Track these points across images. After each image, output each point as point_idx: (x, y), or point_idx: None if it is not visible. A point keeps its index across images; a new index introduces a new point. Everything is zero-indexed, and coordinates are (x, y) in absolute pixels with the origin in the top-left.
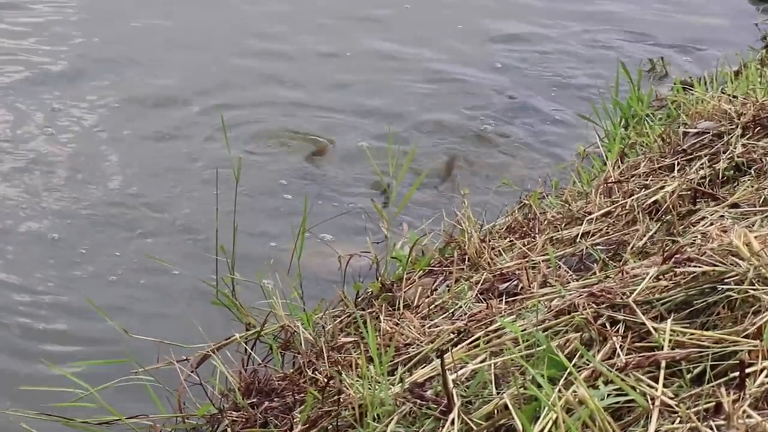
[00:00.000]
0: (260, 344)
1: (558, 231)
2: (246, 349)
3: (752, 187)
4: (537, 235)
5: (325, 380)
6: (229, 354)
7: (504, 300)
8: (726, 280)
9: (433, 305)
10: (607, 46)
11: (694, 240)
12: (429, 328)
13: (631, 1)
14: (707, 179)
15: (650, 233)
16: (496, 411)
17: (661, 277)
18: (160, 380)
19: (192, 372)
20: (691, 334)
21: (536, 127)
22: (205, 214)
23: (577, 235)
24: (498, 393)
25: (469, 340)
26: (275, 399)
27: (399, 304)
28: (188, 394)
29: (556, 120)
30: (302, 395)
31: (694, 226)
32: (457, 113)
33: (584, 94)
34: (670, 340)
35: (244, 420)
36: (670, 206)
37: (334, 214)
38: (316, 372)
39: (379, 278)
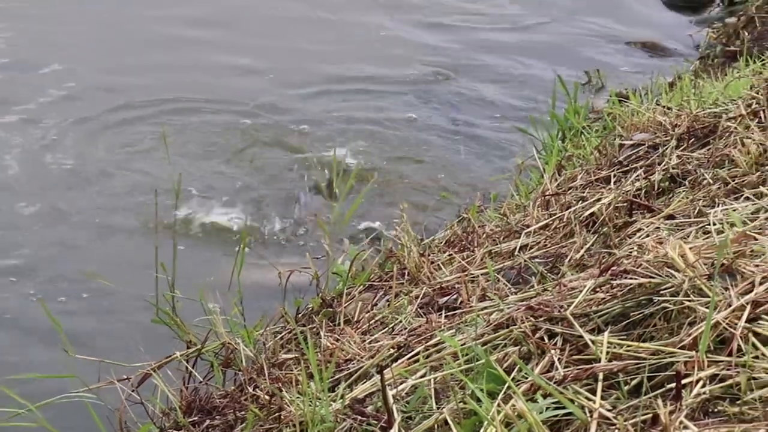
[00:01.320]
0: (201, 362)
1: (497, 244)
2: (187, 367)
3: (687, 198)
4: (476, 249)
5: (267, 397)
6: (170, 372)
7: (443, 314)
8: (662, 292)
9: (373, 320)
10: (544, 58)
11: (631, 252)
12: (369, 343)
13: (568, 13)
14: (643, 191)
15: (587, 245)
16: (436, 426)
17: (598, 289)
18: (101, 399)
19: (133, 391)
20: (628, 346)
21: (474, 140)
22: (143, 230)
23: (516, 248)
24: (438, 408)
25: (409, 355)
26: (216, 417)
27: (339, 319)
28: (129, 413)
29: (493, 133)
30: (243, 413)
31: (630, 238)
32: (394, 122)
33: (522, 106)
34: (607, 353)
35: None
36: (607, 218)
37: (274, 228)
38: (257, 389)
39: (320, 294)
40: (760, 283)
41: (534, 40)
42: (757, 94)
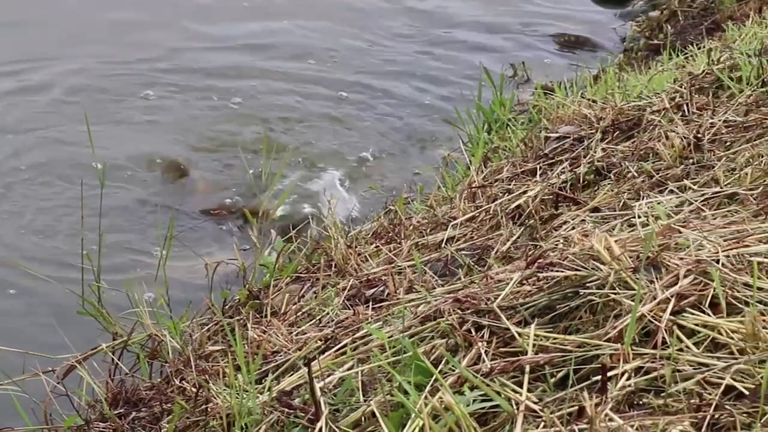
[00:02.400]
0: (127, 354)
1: (423, 236)
2: (113, 359)
3: (612, 191)
4: (403, 241)
5: (193, 390)
6: (96, 364)
7: (371, 306)
8: (588, 285)
9: (300, 312)
10: (470, 50)
11: (557, 244)
12: (296, 335)
13: (494, 7)
14: (568, 183)
15: (514, 238)
16: (363, 418)
17: (524, 282)
18: (26, 391)
19: (58, 383)
20: (555, 338)
21: (400, 132)
22: (70, 220)
23: (443, 240)
24: (365, 400)
25: (337, 348)
26: (143, 409)
27: (266, 311)
28: (55, 405)
29: (419, 125)
30: (170, 405)
31: (556, 231)
32: (319, 115)
33: (448, 98)
34: (534, 345)
35: (111, 431)
36: (533, 211)
37: (202, 220)
38: (184, 381)
39: (247, 285)
40: (685, 276)
41: (460, 32)
42: (681, 87)
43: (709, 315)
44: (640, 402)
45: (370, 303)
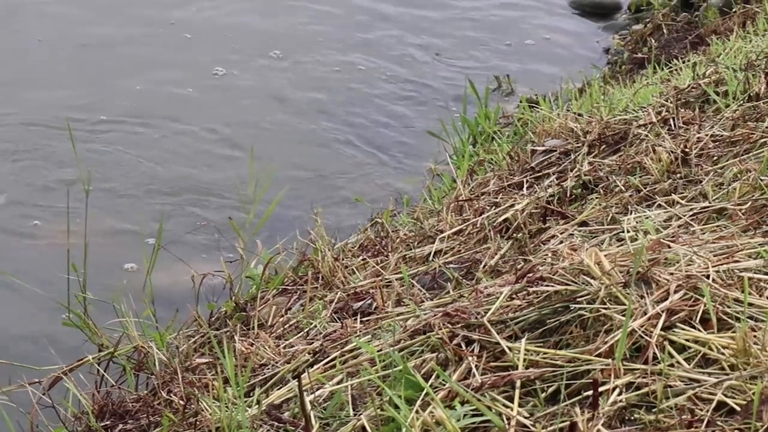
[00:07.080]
0: (114, 365)
1: (411, 249)
2: (99, 371)
3: (600, 205)
4: (390, 254)
5: (181, 402)
6: (82, 376)
7: (359, 319)
8: (578, 299)
9: (287, 325)
10: (455, 64)
11: (546, 259)
12: (284, 348)
13: (478, 19)
14: (556, 197)
15: (502, 251)
16: None
17: (514, 296)
18: (12, 402)
19: (44, 394)
20: (545, 353)
21: (385, 144)
22: (57, 229)
23: (430, 253)
24: (356, 414)
25: (325, 361)
26: (129, 421)
27: (253, 323)
28: (41, 416)
29: (405, 137)
30: (157, 417)
31: (544, 244)
32: (307, 127)
33: (433, 111)
34: (524, 360)
35: None
36: (521, 224)
37: (188, 231)
38: (171, 394)
39: (233, 297)
40: (675, 291)
41: (442, 43)
42: (667, 101)
43: (699, 330)
44: (632, 418)
45: (358, 316)
